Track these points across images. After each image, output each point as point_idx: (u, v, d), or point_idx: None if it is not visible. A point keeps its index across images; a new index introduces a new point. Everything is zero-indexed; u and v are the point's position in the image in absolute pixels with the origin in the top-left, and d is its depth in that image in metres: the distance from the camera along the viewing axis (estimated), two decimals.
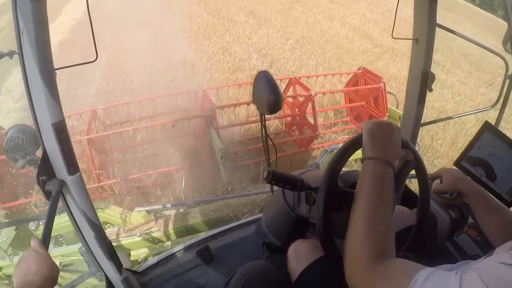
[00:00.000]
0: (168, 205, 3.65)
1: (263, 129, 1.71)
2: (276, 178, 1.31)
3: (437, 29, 2.00)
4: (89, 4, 1.40)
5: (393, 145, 1.17)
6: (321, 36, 10.99)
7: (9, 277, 3.34)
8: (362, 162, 1.16)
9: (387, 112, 5.33)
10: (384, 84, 5.35)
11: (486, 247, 1.51)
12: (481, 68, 11.71)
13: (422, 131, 6.19)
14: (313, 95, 4.80)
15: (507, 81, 2.39)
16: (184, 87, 5.87)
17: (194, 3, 12.62)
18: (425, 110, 2.19)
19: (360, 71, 5.63)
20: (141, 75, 6.84)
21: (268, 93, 1.45)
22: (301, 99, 5.08)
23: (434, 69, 2.08)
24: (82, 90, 6.38)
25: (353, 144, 1.24)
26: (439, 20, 1.95)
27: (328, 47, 10.04)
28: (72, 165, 1.39)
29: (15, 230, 3.42)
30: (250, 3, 13.54)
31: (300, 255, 1.64)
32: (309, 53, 9.43)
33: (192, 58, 7.97)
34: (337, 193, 1.27)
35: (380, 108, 5.38)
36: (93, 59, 1.42)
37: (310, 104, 4.91)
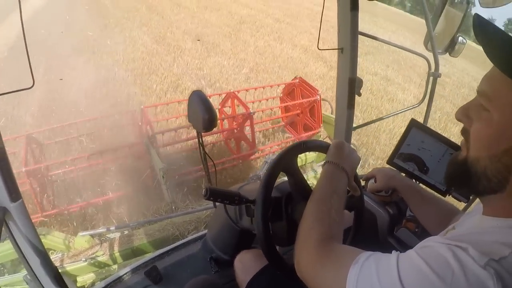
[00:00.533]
0: (112, 228, 3.55)
1: (201, 147, 1.72)
2: (214, 195, 1.34)
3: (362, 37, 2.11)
4: (24, 28, 1.38)
5: (352, 162, 1.27)
6: (274, 61, 10.68)
7: None
8: (323, 165, 1.24)
9: (321, 123, 5.46)
10: (320, 96, 5.47)
11: (425, 237, 1.59)
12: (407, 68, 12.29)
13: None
14: (252, 113, 4.84)
15: (431, 78, 2.56)
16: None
17: (135, 28, 12.16)
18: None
19: (296, 81, 5.70)
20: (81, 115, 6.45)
21: (202, 112, 1.47)
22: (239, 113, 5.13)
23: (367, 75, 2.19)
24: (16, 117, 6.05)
25: (286, 152, 1.33)
26: (380, 30, 2.06)
27: (284, 73, 9.66)
28: (14, 192, 1.35)
29: None
30: (194, 26, 13.31)
31: (246, 266, 1.66)
32: (266, 83, 8.77)
33: (139, 97, 7.22)
34: (275, 203, 1.33)
35: (315, 118, 5.50)
36: (29, 86, 1.40)
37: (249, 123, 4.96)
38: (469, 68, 15.51)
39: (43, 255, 1.56)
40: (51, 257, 3.04)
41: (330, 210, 1.08)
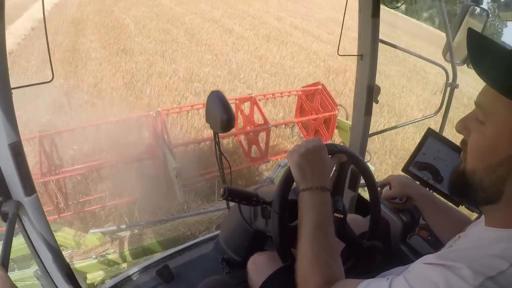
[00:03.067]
0: (123, 226, 3.60)
1: (217, 147, 1.73)
2: (232, 195, 1.35)
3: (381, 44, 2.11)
4: (46, 23, 1.40)
5: (322, 166, 1.22)
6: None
7: None
8: (298, 194, 1.21)
9: (336, 106, 5.45)
10: (323, 85, 5.52)
11: (437, 245, 1.59)
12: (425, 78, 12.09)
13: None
14: (269, 127, 4.87)
15: (448, 88, 2.55)
16: None
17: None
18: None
19: (319, 87, 5.66)
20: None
21: (221, 112, 1.48)
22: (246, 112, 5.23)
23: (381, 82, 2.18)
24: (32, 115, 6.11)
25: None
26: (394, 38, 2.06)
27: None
28: (28, 186, 1.37)
29: None
30: None
31: (259, 268, 1.66)
32: None
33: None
34: (290, 206, 1.32)
35: (328, 129, 5.52)
36: (49, 79, 1.41)
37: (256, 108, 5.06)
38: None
39: (55, 251, 1.57)
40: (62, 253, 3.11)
41: (320, 252, 1.07)
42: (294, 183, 1.28)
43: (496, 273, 0.72)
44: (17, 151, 1.29)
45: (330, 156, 1.28)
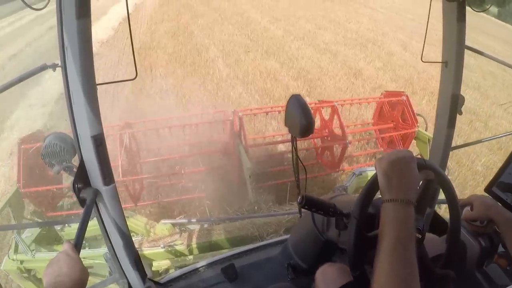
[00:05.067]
0: (193, 220, 3.70)
1: (294, 152, 1.71)
2: (309, 203, 1.34)
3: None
4: (130, 21, 1.45)
5: (410, 179, 1.14)
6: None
7: (29, 271, 3.44)
8: (382, 205, 1.14)
9: (417, 123, 5.25)
10: (407, 96, 5.32)
11: None
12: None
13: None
14: (336, 105, 4.85)
15: None
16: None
17: None
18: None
19: (404, 98, 5.48)
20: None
21: (300, 117, 1.47)
22: (325, 112, 5.16)
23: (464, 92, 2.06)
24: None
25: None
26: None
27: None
28: (107, 176, 1.44)
29: (39, 228, 3.54)
30: None
31: (328, 279, 1.63)
32: None
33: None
34: (368, 219, 1.27)
35: (409, 122, 5.33)
36: (132, 77, 1.47)
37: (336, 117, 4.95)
38: None
39: (127, 238, 1.65)
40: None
41: (398, 268, 1.01)
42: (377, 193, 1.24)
43: None
44: (99, 142, 1.37)
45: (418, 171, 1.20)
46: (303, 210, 1.85)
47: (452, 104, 2.04)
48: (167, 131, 4.78)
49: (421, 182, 1.35)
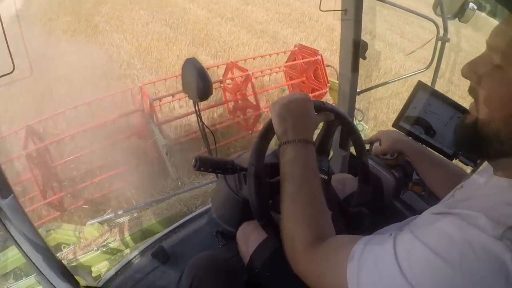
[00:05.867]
0: (120, 212, 3.56)
1: (198, 118, 1.68)
2: (204, 164, 1.29)
3: None
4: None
5: (306, 119, 1.12)
6: None
7: None
8: (279, 147, 1.11)
9: (327, 83, 5.38)
10: (322, 56, 5.40)
11: (432, 200, 1.56)
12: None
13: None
14: (250, 74, 4.76)
15: (439, 43, 2.54)
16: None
17: None
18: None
19: (296, 48, 5.62)
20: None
21: (197, 80, 1.42)
22: (239, 79, 5.05)
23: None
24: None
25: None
26: None
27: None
28: (3, 188, 1.31)
29: None
30: None
31: (247, 238, 1.62)
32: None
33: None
34: (273, 170, 1.24)
35: (320, 80, 5.43)
36: (9, 71, 1.33)
37: (250, 86, 4.88)
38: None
39: (45, 251, 1.53)
40: (64, 251, 3.10)
41: (306, 206, 0.98)
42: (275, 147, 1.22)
43: None
44: None
45: (316, 113, 1.18)
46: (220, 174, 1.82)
47: (354, 50, 2.07)
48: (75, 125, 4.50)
49: (321, 125, 1.37)
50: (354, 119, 3.25)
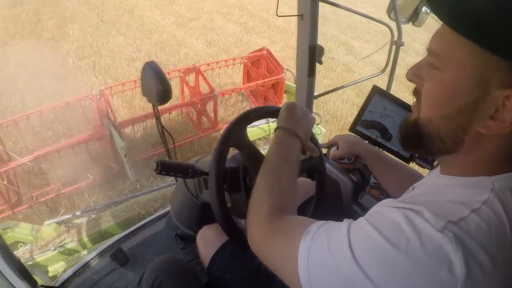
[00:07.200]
0: (78, 213, 3.50)
1: (157, 121, 1.69)
2: (165, 168, 1.30)
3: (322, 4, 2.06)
4: None
5: (305, 125, 1.22)
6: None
7: None
8: (275, 131, 1.19)
9: (282, 70, 5.38)
10: (267, 50, 5.46)
11: None
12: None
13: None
14: (216, 94, 4.78)
15: (394, 46, 2.59)
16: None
17: None
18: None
19: (264, 52, 5.57)
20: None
21: (156, 84, 1.44)
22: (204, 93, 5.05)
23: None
24: None
25: (235, 125, 1.29)
26: None
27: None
28: None
29: None
30: None
31: (207, 242, 1.64)
32: None
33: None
34: (231, 174, 1.31)
35: (277, 94, 5.45)
36: None
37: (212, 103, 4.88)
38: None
39: (3, 249, 1.52)
40: (20, 250, 3.02)
41: (281, 180, 1.04)
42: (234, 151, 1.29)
43: (457, 219, 0.68)
44: None
45: None
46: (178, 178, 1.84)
47: (310, 54, 2.13)
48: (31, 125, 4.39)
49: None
50: None
